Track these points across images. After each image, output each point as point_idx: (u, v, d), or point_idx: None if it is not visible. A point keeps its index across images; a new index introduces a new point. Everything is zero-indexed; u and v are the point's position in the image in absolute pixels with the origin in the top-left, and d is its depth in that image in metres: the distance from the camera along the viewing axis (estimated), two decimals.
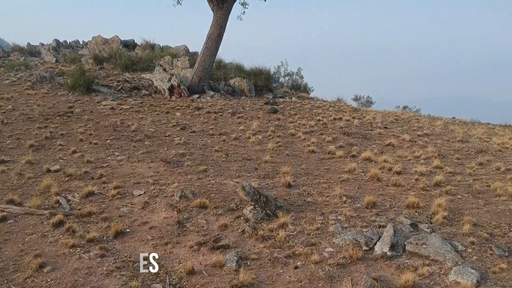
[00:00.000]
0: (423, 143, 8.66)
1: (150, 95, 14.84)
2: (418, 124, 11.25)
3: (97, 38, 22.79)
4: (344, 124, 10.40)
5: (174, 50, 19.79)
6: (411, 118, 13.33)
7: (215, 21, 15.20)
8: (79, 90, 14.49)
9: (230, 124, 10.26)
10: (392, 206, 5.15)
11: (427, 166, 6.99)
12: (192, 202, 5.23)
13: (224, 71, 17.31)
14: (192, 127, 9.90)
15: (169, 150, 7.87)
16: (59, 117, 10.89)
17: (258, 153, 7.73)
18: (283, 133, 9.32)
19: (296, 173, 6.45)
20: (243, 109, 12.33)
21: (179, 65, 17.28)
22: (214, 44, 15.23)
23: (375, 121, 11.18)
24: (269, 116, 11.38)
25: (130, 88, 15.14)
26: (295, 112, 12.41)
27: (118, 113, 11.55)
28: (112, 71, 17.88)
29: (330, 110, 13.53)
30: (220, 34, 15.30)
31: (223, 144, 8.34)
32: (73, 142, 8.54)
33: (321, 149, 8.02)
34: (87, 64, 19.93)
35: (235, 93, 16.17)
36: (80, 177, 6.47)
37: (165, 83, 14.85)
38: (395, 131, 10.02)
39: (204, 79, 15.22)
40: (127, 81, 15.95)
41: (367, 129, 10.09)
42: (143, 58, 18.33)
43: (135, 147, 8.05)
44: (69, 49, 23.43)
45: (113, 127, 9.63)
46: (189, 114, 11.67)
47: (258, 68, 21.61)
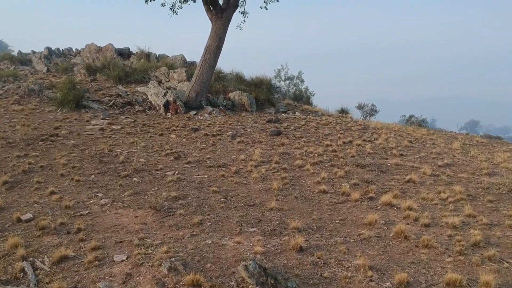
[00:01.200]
0: (446, 178, 7.69)
1: (144, 111, 13.89)
2: (435, 149, 10.29)
3: (90, 46, 21.83)
4: (355, 150, 9.44)
5: (170, 60, 18.83)
6: (425, 137, 12.38)
7: (214, 32, 14.24)
8: (68, 106, 13.54)
9: (229, 151, 9.29)
10: (429, 285, 4.19)
11: (457, 214, 6.03)
12: (183, 278, 4.27)
13: (223, 83, 16.35)
14: (187, 156, 8.93)
15: (160, 190, 6.90)
16: (42, 141, 9.92)
17: (261, 194, 6.76)
18: (289, 164, 8.36)
19: (307, 227, 5.48)
20: (243, 130, 11.37)
21: (175, 77, 16.32)
22: (212, 57, 14.27)
23: (388, 145, 10.22)
24: (272, 140, 10.42)
25: (122, 104, 14.18)
26: (300, 133, 11.45)
27: (108, 136, 10.58)
28: (105, 83, 16.92)
29: (337, 128, 12.58)
30: (219, 46, 14.34)
31: (221, 181, 7.38)
32: (53, 178, 7.57)
33: (333, 188, 7.06)
34: (79, 74, 18.99)
35: (235, 107, 15.22)
36: (55, 231, 5.50)
37: (160, 98, 13.89)
38: (412, 159, 9.06)
39: (202, 93, 14.26)
40: (119, 95, 14.99)
41: (381, 157, 9.13)
42: (137, 69, 17.37)
43: (122, 185, 7.08)
44: (61, 57, 22.47)
45: (99, 157, 8.66)
46: (185, 137, 10.71)
47: (258, 78, 20.71)
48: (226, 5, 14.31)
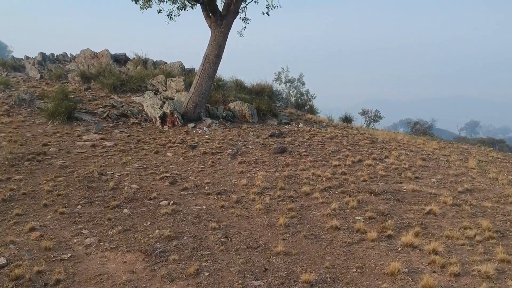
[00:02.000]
0: (469, 208, 6.97)
1: (140, 123, 13.16)
2: (451, 169, 9.56)
3: (85, 51, 21.12)
4: (366, 173, 8.71)
5: (168, 67, 18.10)
6: (437, 153, 11.67)
7: (213, 40, 13.52)
8: (60, 119, 12.82)
9: (230, 174, 8.56)
10: None
11: (489, 258, 5.31)
12: None
13: (223, 92, 15.62)
14: (184, 180, 8.20)
15: (153, 226, 6.18)
16: (28, 162, 9.19)
17: (266, 231, 6.04)
18: (295, 190, 7.63)
19: (320, 280, 4.76)
20: (245, 147, 10.64)
21: (173, 86, 15.60)
22: (212, 66, 13.55)
23: (401, 165, 9.49)
24: (276, 159, 9.69)
25: (117, 116, 13.45)
26: (305, 150, 10.72)
27: (99, 155, 9.86)
28: (99, 92, 16.20)
29: (344, 143, 11.86)
30: (219, 54, 13.61)
31: (221, 214, 6.65)
32: (35, 209, 6.85)
33: (345, 222, 6.33)
34: (73, 81, 18.27)
35: (235, 118, 14.50)
36: (30, 283, 4.78)
37: (157, 110, 13.17)
38: (429, 183, 8.33)
39: (201, 105, 13.53)
40: (114, 106, 14.27)
41: (395, 180, 8.41)
42: (133, 77, 16.65)
43: (110, 220, 6.36)
44: (55, 63, 21.75)
45: (87, 182, 7.93)
46: (182, 155, 9.98)
47: (259, 84, 20.01)
48: (226, 11, 13.59)
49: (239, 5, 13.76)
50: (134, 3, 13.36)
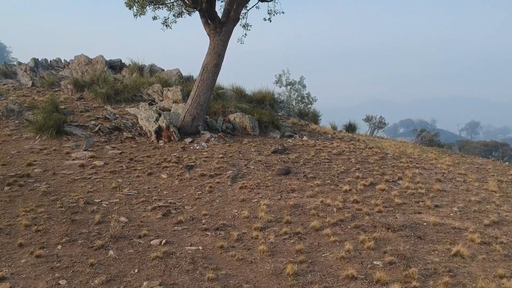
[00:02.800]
0: (501, 249, 6.16)
1: (134, 138, 12.35)
2: (472, 194, 8.75)
3: (80, 57, 20.31)
4: (381, 201, 7.90)
5: (165, 75, 17.29)
6: (452, 171, 10.87)
7: (212, 48, 12.71)
8: (48, 133, 12.02)
9: (230, 203, 7.75)
10: None
11: None
12: None
13: (222, 102, 14.80)
14: (179, 211, 7.39)
15: (141, 274, 5.36)
16: (9, 186, 8.38)
17: (272, 281, 5.23)
18: (303, 225, 6.81)
19: None
20: (246, 167, 9.83)
21: (170, 96, 14.79)
22: (210, 76, 12.74)
23: (417, 190, 8.68)
24: (280, 182, 8.88)
25: (109, 129, 12.65)
26: (311, 170, 9.92)
27: (87, 177, 9.05)
28: (92, 102, 15.39)
29: (352, 161, 11.07)
30: (218, 63, 12.81)
31: (220, 257, 5.84)
32: (8, 249, 6.03)
33: (362, 268, 5.52)
34: (66, 89, 17.47)
35: (235, 130, 13.70)
36: None
37: (152, 123, 12.36)
38: (450, 213, 7.53)
39: (199, 117, 12.73)
40: (107, 118, 13.47)
41: (413, 209, 7.60)
42: (128, 86, 15.83)
43: (93, 266, 5.54)
44: (48, 69, 20.94)
45: (71, 213, 7.11)
46: (177, 178, 9.17)
47: (261, 92, 19.23)
48: (226, 18, 12.78)
49: (240, 12, 12.95)
50: (128, 9, 12.56)
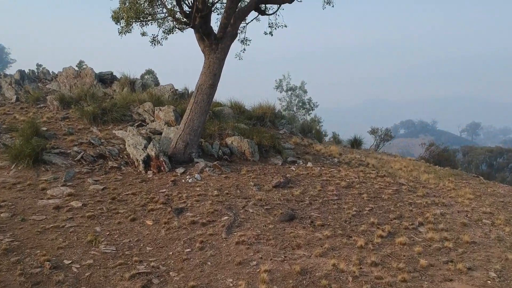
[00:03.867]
0: None
1: (119, 168, 11.13)
2: (507, 249, 7.52)
3: (68, 70, 19.11)
4: (404, 262, 6.65)
5: (157, 90, 16.06)
6: (476, 209, 9.65)
7: (207, 68, 11.51)
8: (25, 162, 10.81)
9: (224, 267, 6.50)
10: None
11: None
12: None
13: (219, 123, 13.56)
14: (162, 279, 6.15)
15: None
16: None
17: None
18: None
19: None
20: (243, 210, 8.59)
21: (161, 116, 13.56)
22: (205, 98, 11.53)
23: (444, 243, 7.44)
24: (283, 233, 7.65)
25: (93, 158, 11.43)
26: (318, 212, 8.70)
27: (60, 226, 7.82)
28: (78, 123, 14.18)
29: (364, 197, 9.85)
30: (214, 84, 11.60)
31: None
32: None
33: None
34: (51, 105, 16.28)
35: (233, 155, 12.49)
36: None
37: (140, 151, 11.13)
38: (488, 280, 6.29)
39: (192, 144, 11.51)
40: (91, 143, 12.25)
41: (443, 275, 6.34)
42: (118, 104, 14.61)
43: None
44: (35, 82, 19.71)
45: (32, 285, 5.88)
46: (164, 225, 7.94)
47: (261, 107, 18.08)
48: (223, 33, 11.56)
49: (238, 26, 11.74)
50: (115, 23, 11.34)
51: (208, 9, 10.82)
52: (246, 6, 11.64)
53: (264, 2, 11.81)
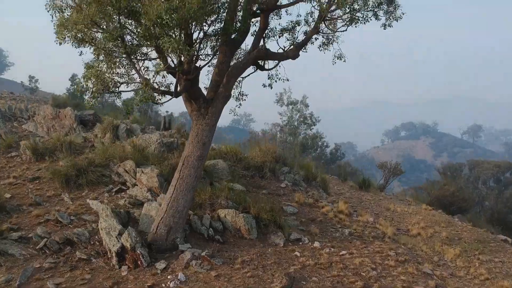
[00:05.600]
0: None
1: (89, 261, 9.29)
2: None
3: (46, 109, 17.32)
4: None
5: (143, 141, 14.20)
6: None
7: (195, 135, 9.67)
8: None
9: None
10: None
11: None
12: None
13: (211, 190, 11.66)
14: None
15: None
16: None
17: None
18: None
19: None
20: None
21: (144, 181, 11.73)
22: (192, 172, 9.68)
23: None
24: None
25: (59, 245, 9.58)
26: None
27: None
28: (48, 187, 12.35)
29: None
30: (202, 155, 9.76)
31: None
32: None
33: None
34: (24, 155, 14.47)
35: (226, 231, 10.72)
36: None
37: (113, 240, 9.28)
38: None
39: (177, 228, 9.66)
40: (59, 222, 10.39)
41: None
42: (95, 162, 12.77)
43: None
44: (11, 121, 17.88)
45: None
46: None
47: (261, 150, 16.33)
48: (214, 93, 9.72)
49: (232, 86, 9.87)
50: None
51: (196, 72, 8.95)
52: (242, 63, 9.75)
53: (264, 58, 9.94)
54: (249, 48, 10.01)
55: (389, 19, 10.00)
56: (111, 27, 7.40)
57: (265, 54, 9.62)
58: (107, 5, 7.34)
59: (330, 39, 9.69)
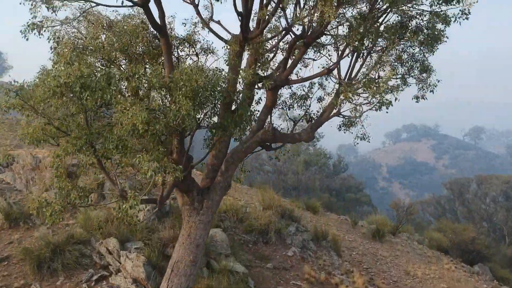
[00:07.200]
0: None
1: None
2: None
3: (26, 158, 15.53)
4: None
5: None
6: None
7: (187, 235, 7.96)
8: None
9: None
10: None
11: None
12: None
13: (207, 283, 9.92)
14: None
15: None
16: None
17: None
18: None
19: None
20: None
21: (128, 269, 10.01)
22: (183, 281, 7.97)
23: None
24: None
25: None
26: None
27: None
28: (19, 269, 10.60)
29: None
30: (195, 260, 8.06)
31: None
32: None
33: None
34: None
35: None
36: None
37: None
38: None
39: None
40: None
41: None
42: (74, 237, 11.06)
43: None
44: None
45: None
46: None
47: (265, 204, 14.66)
48: (210, 180, 8.00)
49: (232, 175, 8.10)
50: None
51: (188, 168, 7.21)
52: (244, 147, 7.99)
53: (271, 141, 8.18)
54: (253, 125, 8.27)
55: (422, 89, 8.25)
56: (76, 132, 5.68)
57: (273, 136, 7.88)
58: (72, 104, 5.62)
59: (353, 121, 7.98)
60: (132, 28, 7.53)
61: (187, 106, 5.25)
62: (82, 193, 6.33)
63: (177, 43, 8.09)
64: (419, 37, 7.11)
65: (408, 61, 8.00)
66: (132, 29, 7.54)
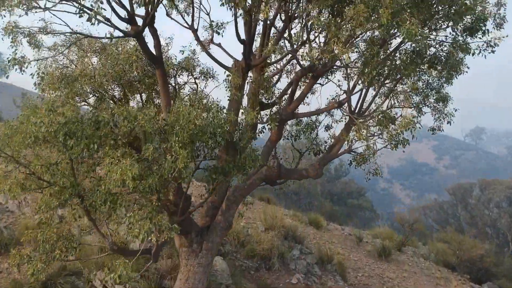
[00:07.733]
0: None
1: None
2: None
3: None
4: None
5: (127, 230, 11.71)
6: None
7: (185, 279, 7.46)
8: None
9: None
10: None
11: None
12: None
13: None
14: None
15: None
16: None
17: None
18: None
19: None
20: None
21: None
22: None
23: None
24: None
25: None
26: None
27: None
28: None
29: None
30: None
31: None
32: None
33: None
34: None
35: None
36: None
37: None
38: None
39: None
40: None
41: None
42: (67, 268, 10.45)
43: None
44: None
45: None
46: None
47: (269, 224, 14.07)
48: (210, 219, 7.40)
49: (234, 214, 7.52)
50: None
51: (186, 213, 6.62)
52: (247, 184, 7.40)
53: (276, 178, 7.58)
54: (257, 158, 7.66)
55: (438, 119, 7.65)
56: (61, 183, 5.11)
57: (278, 173, 7.28)
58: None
59: (366, 158, 7.39)
60: (125, 56, 6.94)
61: (184, 157, 4.67)
62: (69, 244, 5.75)
63: (174, 72, 7.50)
64: (436, 69, 6.54)
65: (424, 90, 7.42)
66: (126, 57, 6.95)
